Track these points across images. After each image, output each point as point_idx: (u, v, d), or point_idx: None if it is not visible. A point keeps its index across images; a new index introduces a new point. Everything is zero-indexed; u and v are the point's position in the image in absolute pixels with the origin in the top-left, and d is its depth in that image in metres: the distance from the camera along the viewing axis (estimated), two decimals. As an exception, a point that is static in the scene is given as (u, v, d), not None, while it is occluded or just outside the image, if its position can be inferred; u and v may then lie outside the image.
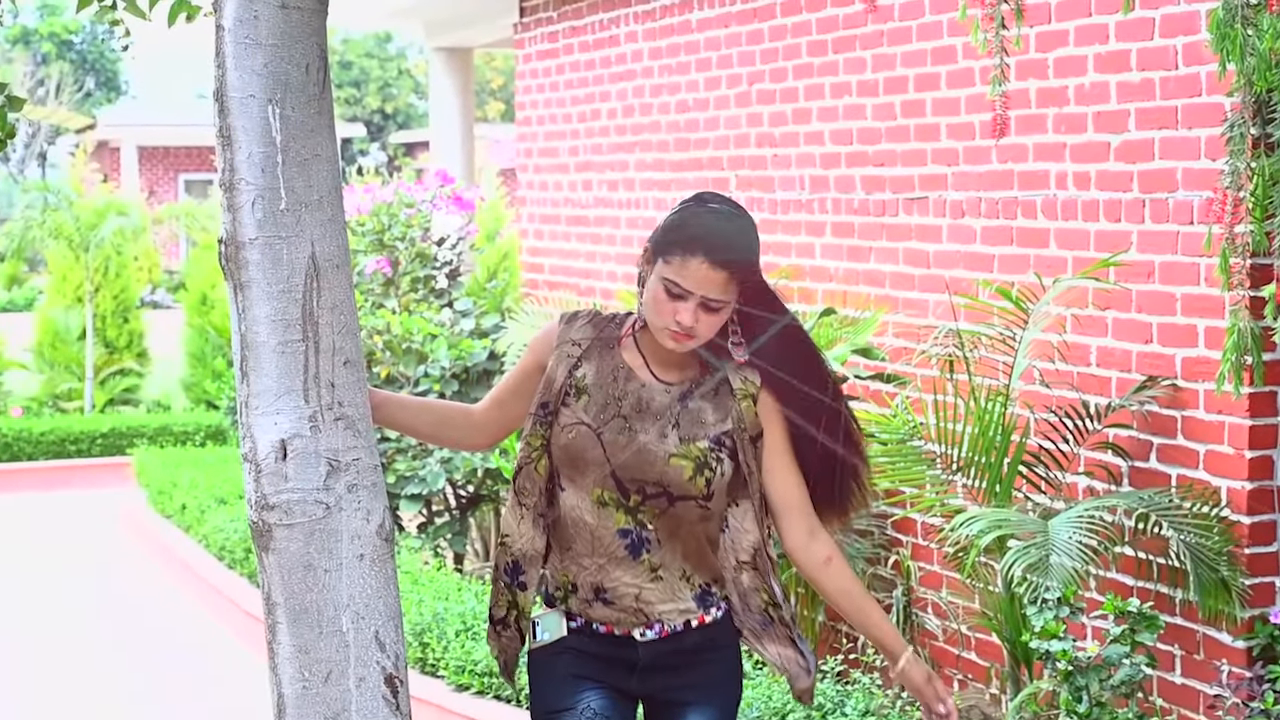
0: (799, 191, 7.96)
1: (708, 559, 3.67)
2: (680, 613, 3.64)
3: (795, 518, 3.67)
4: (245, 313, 3.42)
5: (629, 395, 3.63)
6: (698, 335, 3.55)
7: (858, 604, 3.72)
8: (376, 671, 3.42)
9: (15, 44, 43.66)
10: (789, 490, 3.67)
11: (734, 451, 3.61)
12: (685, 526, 3.62)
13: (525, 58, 10.93)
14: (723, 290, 3.52)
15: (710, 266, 3.51)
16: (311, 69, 3.44)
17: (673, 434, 3.59)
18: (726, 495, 3.64)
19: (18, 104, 5.06)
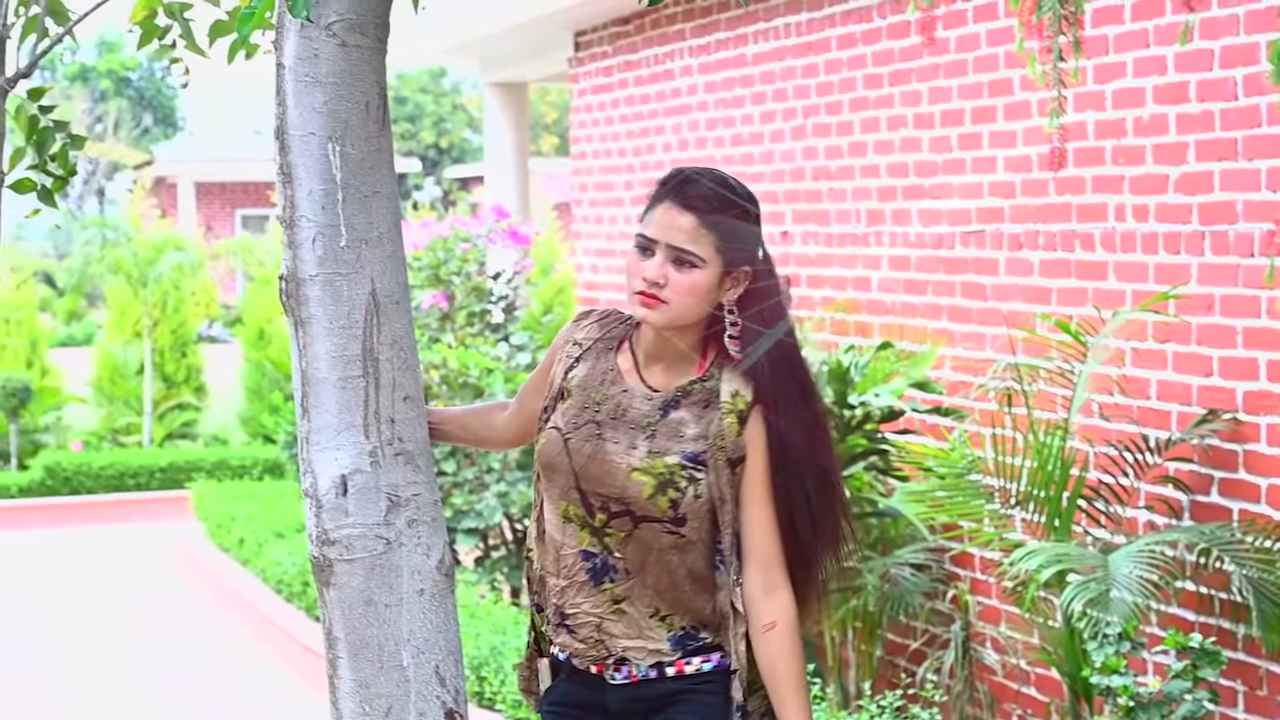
0: (855, 225, 7.95)
1: (688, 597, 3.25)
2: (650, 654, 3.25)
3: (752, 566, 3.20)
4: (306, 349, 3.44)
5: (609, 400, 3.30)
6: (669, 300, 3.18)
7: (778, 689, 3.19)
8: (437, 706, 3.42)
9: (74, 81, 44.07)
10: (752, 533, 3.20)
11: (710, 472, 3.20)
12: (654, 555, 3.23)
13: (580, 92, 10.97)
14: (692, 238, 3.18)
15: (678, 209, 3.21)
16: (371, 106, 3.46)
17: (643, 445, 3.23)
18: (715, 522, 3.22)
19: (79, 142, 5.10)
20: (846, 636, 7.17)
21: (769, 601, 3.18)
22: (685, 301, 3.19)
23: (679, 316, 3.21)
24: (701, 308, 3.22)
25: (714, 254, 3.20)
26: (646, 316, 3.21)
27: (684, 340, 3.27)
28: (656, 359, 3.30)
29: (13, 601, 10.90)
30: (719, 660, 3.25)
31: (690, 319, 3.23)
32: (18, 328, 16.13)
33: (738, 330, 3.22)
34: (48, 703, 8.75)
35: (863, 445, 6.93)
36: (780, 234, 8.56)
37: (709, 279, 3.20)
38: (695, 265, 3.19)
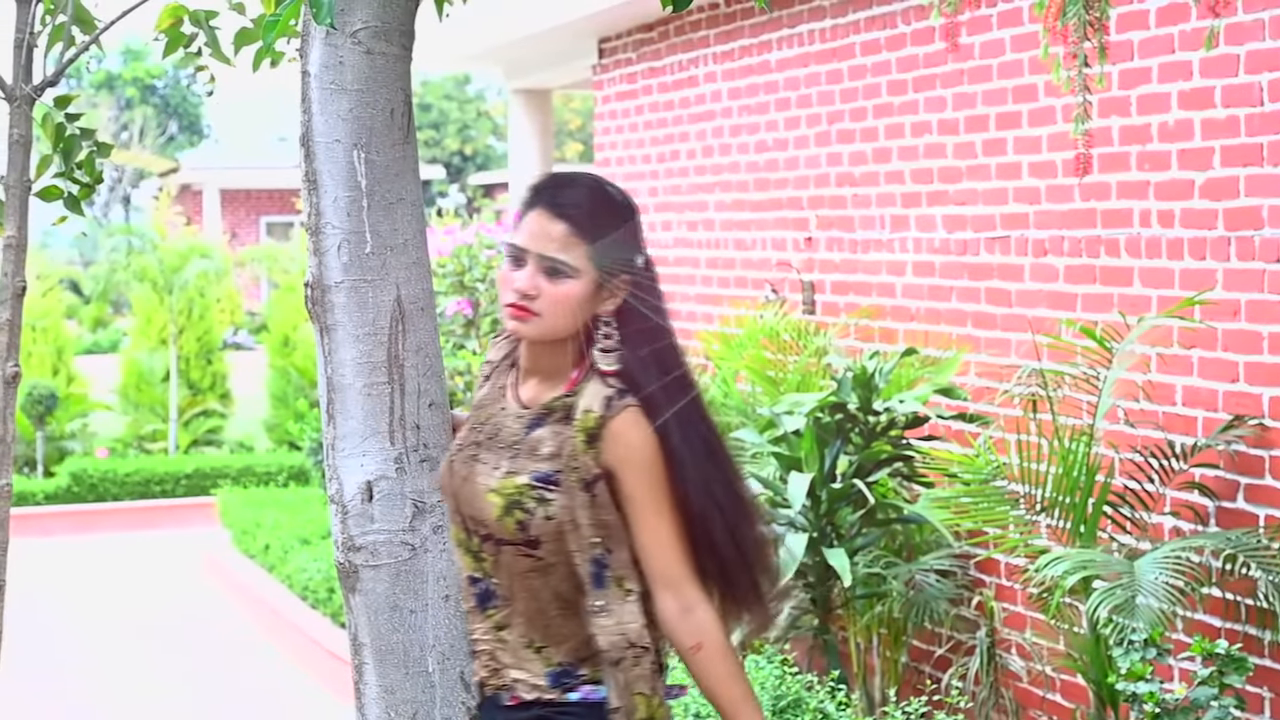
0: (880, 231, 7.95)
1: (558, 624, 3.12)
2: (531, 687, 3.14)
3: (659, 590, 3.05)
4: (331, 355, 3.45)
5: (490, 420, 3.20)
6: (541, 311, 3.06)
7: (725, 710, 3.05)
8: (462, 712, 3.43)
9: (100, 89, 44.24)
10: (649, 555, 3.03)
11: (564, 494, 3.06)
12: (519, 580, 3.12)
13: (604, 99, 10.98)
14: (564, 248, 3.04)
15: (549, 217, 3.06)
16: (396, 113, 3.47)
17: (504, 466, 3.11)
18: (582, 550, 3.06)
19: (105, 150, 5.13)
20: (871, 643, 7.17)
21: (688, 622, 3.03)
22: (558, 313, 3.06)
23: (551, 329, 3.09)
24: (576, 320, 3.09)
25: (587, 263, 3.07)
26: (518, 329, 3.10)
27: (558, 354, 3.14)
28: (532, 373, 3.20)
29: (40, 607, 10.94)
30: (588, 692, 3.10)
31: (564, 331, 3.10)
32: (44, 335, 16.19)
33: (611, 343, 3.09)
34: (75, 708, 8.77)
35: (887, 451, 6.92)
36: (804, 240, 8.56)
37: (583, 290, 3.07)
38: (568, 275, 3.06)
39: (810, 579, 6.88)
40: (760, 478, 6.94)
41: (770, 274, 8.84)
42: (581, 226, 3.05)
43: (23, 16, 4.75)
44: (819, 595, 6.93)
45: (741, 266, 9.24)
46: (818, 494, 6.80)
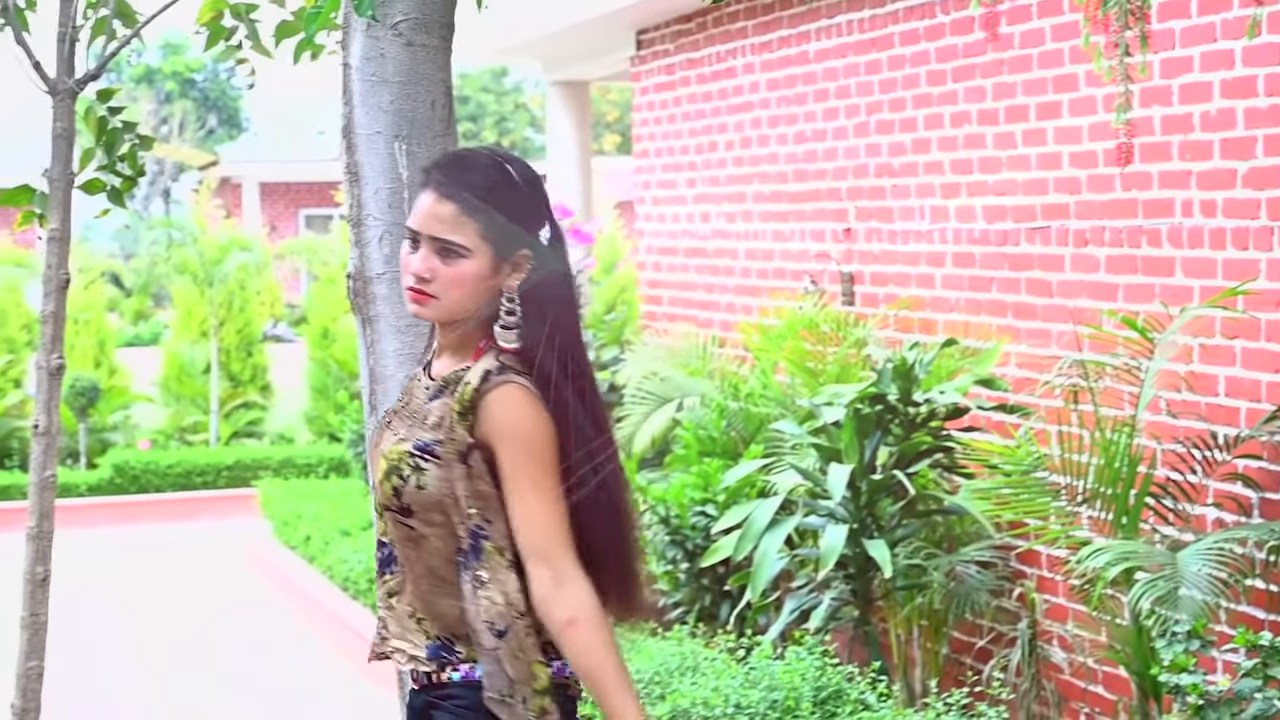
0: (919, 222, 7.93)
1: (431, 599, 3.08)
2: (409, 659, 3.11)
3: (533, 564, 2.97)
4: (373, 346, 3.47)
5: (409, 393, 3.18)
6: (438, 294, 3.02)
7: (596, 687, 2.96)
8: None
9: (139, 83, 44.41)
10: (524, 528, 2.97)
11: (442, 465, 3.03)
12: (403, 548, 3.10)
13: (642, 90, 10.97)
14: (454, 228, 2.99)
15: (437, 198, 3.01)
16: (437, 105, 3.49)
17: (402, 433, 3.10)
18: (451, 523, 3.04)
19: (147, 143, 5.15)
20: (912, 634, 7.15)
21: (562, 595, 2.95)
22: (454, 294, 3.02)
23: (451, 310, 3.05)
24: (475, 298, 3.04)
25: (480, 241, 3.01)
26: (418, 313, 3.07)
27: (466, 330, 3.10)
28: (445, 349, 3.15)
29: (83, 599, 11.00)
30: (467, 671, 3.04)
31: (464, 312, 3.06)
32: (86, 328, 16.26)
33: (513, 319, 3.02)
34: (117, 698, 8.82)
35: (927, 442, 6.91)
36: (843, 231, 8.55)
37: (478, 268, 3.02)
38: (461, 255, 3.00)
39: (850, 570, 6.87)
40: (800, 469, 6.93)
41: (809, 265, 8.83)
42: (470, 205, 3.00)
43: (65, 11, 4.77)
44: (859, 587, 6.92)
45: (780, 258, 9.23)
46: (858, 485, 6.79)
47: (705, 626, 7.66)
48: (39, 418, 4.52)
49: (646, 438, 8.61)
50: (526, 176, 3.07)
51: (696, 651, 7.02)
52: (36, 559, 4.48)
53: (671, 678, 6.75)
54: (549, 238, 3.06)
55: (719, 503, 7.72)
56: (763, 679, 6.47)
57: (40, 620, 4.44)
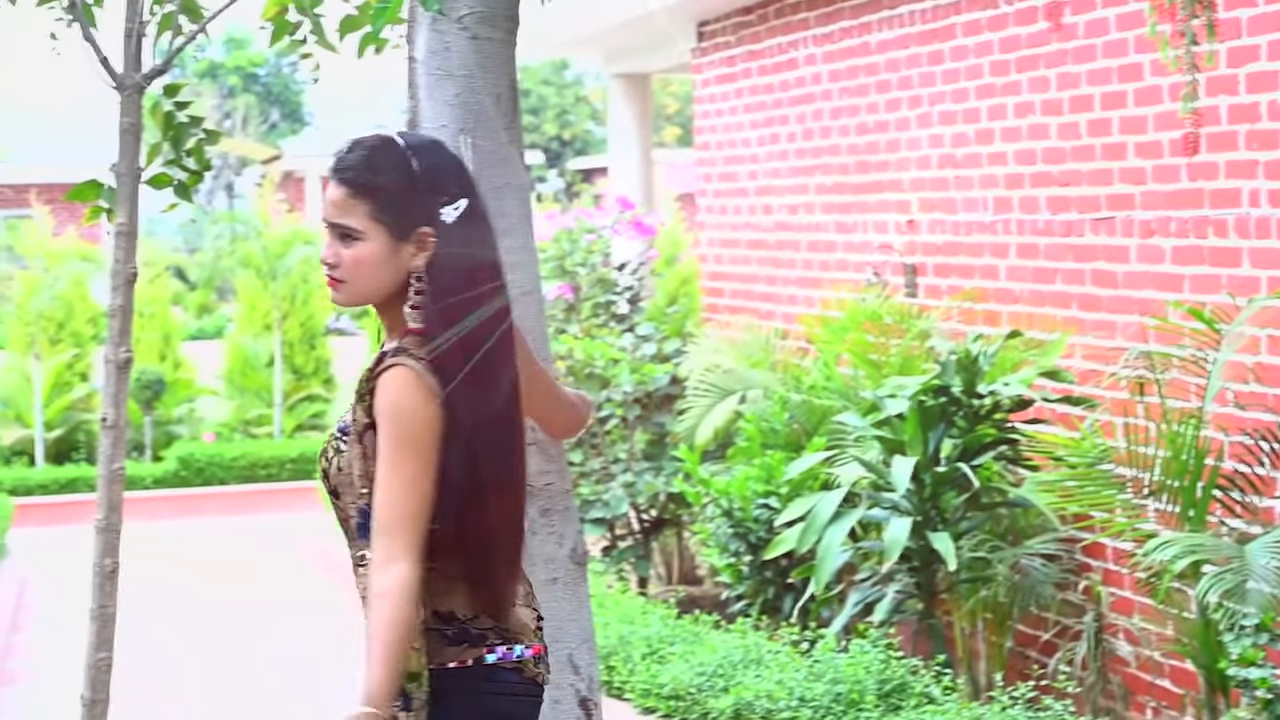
0: (982, 213, 7.89)
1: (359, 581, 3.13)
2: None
3: (374, 539, 2.96)
4: (439, 339, 3.47)
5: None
6: (345, 279, 3.06)
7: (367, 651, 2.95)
8: (570, 694, 3.44)
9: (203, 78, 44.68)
10: (374, 505, 2.97)
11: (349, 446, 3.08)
12: (343, 529, 3.17)
13: (704, 82, 10.96)
14: (345, 212, 3.03)
15: (333, 184, 3.06)
16: (502, 99, 3.49)
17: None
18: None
19: (214, 137, 5.18)
20: (976, 627, 7.13)
21: (385, 571, 2.91)
22: (359, 277, 3.04)
23: (360, 293, 3.07)
24: (381, 280, 3.04)
25: (371, 223, 3.02)
26: (334, 299, 3.10)
27: (392, 313, 3.10)
28: (387, 331, 3.15)
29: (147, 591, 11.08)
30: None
31: (374, 294, 3.07)
32: (151, 322, 16.37)
33: (421, 299, 3.02)
34: (184, 691, 8.88)
35: (992, 435, 6.88)
36: (906, 222, 8.52)
37: (376, 250, 3.02)
38: (356, 239, 3.02)
39: (914, 563, 6.85)
40: (864, 461, 6.92)
41: (872, 257, 8.80)
42: (357, 187, 3.01)
43: (132, 7, 4.80)
44: (923, 580, 6.90)
45: (843, 249, 9.20)
46: (922, 478, 6.77)
47: (768, 619, 7.66)
48: (107, 411, 4.55)
49: (709, 430, 8.60)
50: (426, 155, 3.06)
51: (760, 644, 7.02)
52: (105, 551, 4.51)
53: (735, 670, 6.75)
54: (459, 215, 3.03)
55: (782, 495, 7.71)
56: (826, 672, 6.47)
57: (109, 612, 4.48)
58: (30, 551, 12.23)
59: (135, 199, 4.82)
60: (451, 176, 3.07)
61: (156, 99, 5.07)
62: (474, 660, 3.01)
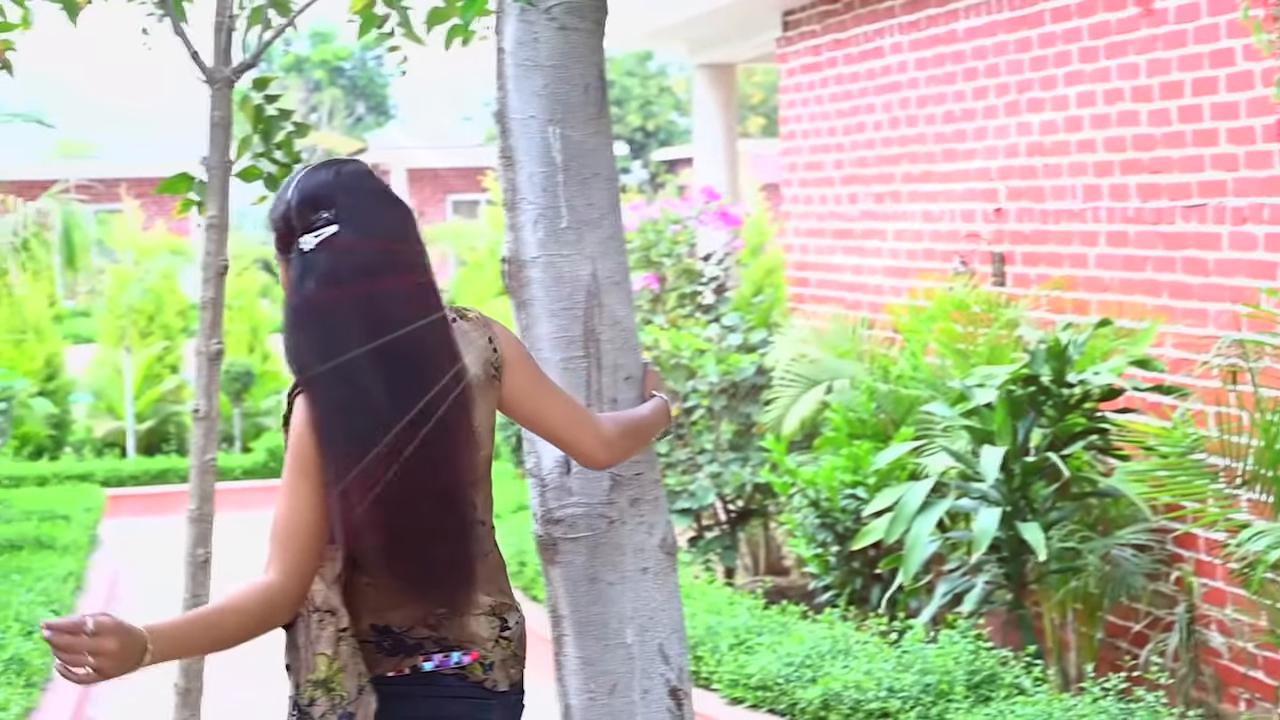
0: (1071, 201, 7.83)
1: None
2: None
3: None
4: (528, 330, 3.48)
5: None
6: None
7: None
8: (660, 684, 3.45)
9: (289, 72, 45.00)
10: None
11: None
12: None
13: (789, 72, 10.93)
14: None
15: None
16: (590, 89, 3.49)
17: None
18: None
19: (303, 130, 5.22)
20: (1066, 618, 7.08)
21: (258, 578, 3.04)
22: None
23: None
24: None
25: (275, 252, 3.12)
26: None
27: None
28: None
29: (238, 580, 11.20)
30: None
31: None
32: (240, 314, 16.51)
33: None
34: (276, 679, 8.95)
35: (1082, 424, 6.82)
36: (994, 211, 8.46)
37: (282, 277, 3.12)
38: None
39: (1003, 554, 6.81)
40: (952, 451, 6.88)
41: (959, 245, 8.75)
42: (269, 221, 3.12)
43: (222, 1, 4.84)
44: (1012, 570, 6.85)
45: (930, 238, 9.16)
46: (1011, 468, 6.73)
47: (856, 610, 7.64)
48: (199, 402, 4.59)
49: (795, 420, 8.58)
50: (294, 184, 3.08)
51: (848, 635, 7.00)
52: (197, 541, 4.56)
53: (823, 661, 6.74)
54: (314, 244, 2.99)
55: (869, 485, 7.68)
56: (915, 663, 6.44)
57: (202, 601, 4.52)
58: (122, 542, 12.36)
59: (226, 192, 4.86)
60: (322, 203, 3.02)
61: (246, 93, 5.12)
62: (410, 669, 3.07)
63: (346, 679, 3.01)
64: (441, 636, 3.07)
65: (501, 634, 3.12)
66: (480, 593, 3.11)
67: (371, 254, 2.99)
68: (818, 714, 6.48)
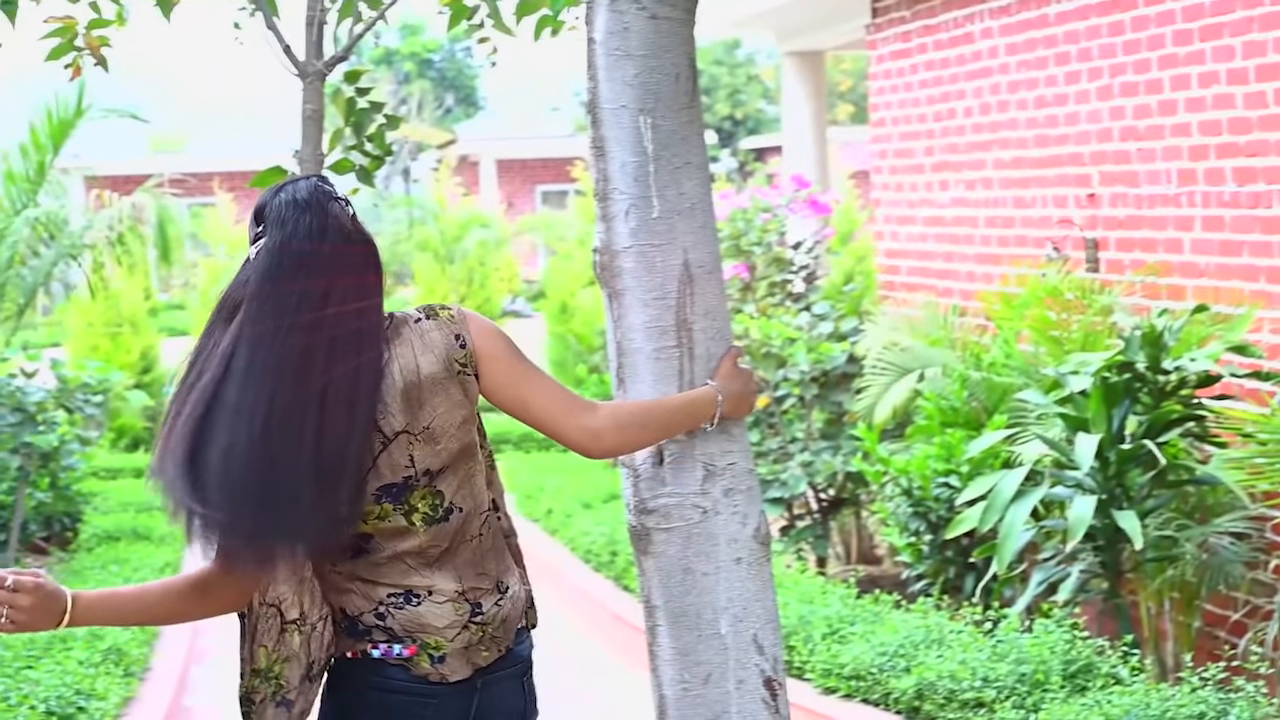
0: (1165, 186, 7.75)
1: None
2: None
3: None
4: (620, 320, 3.48)
5: None
6: None
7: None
8: (755, 674, 3.44)
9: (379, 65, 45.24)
10: None
11: None
12: None
13: (878, 58, 10.88)
14: None
15: None
16: (681, 78, 3.49)
17: None
18: None
19: (394, 122, 5.25)
20: (1163, 607, 7.01)
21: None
22: None
23: None
24: None
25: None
26: None
27: None
28: None
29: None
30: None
31: None
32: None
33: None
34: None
35: (1178, 411, 6.75)
36: (1087, 196, 8.38)
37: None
38: None
39: (1099, 542, 6.75)
40: (1046, 439, 6.83)
41: (1052, 232, 8.68)
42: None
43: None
44: (1108, 559, 6.79)
45: (1022, 225, 9.09)
46: (1106, 455, 6.67)
47: (949, 599, 7.60)
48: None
49: (887, 409, 8.54)
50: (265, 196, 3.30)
51: (941, 624, 6.96)
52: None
53: (917, 650, 6.71)
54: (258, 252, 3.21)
55: (962, 474, 7.64)
56: (1010, 652, 6.40)
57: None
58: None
59: (319, 185, 4.88)
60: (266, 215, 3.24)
61: (337, 86, 5.15)
62: (362, 653, 3.26)
63: (289, 669, 3.25)
64: (387, 626, 3.24)
65: (472, 619, 3.25)
66: (448, 579, 3.26)
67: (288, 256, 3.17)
68: (911, 704, 6.46)
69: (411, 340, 3.26)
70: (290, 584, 3.23)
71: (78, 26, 4.88)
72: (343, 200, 3.28)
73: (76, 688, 6.99)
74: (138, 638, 8.34)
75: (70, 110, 10.99)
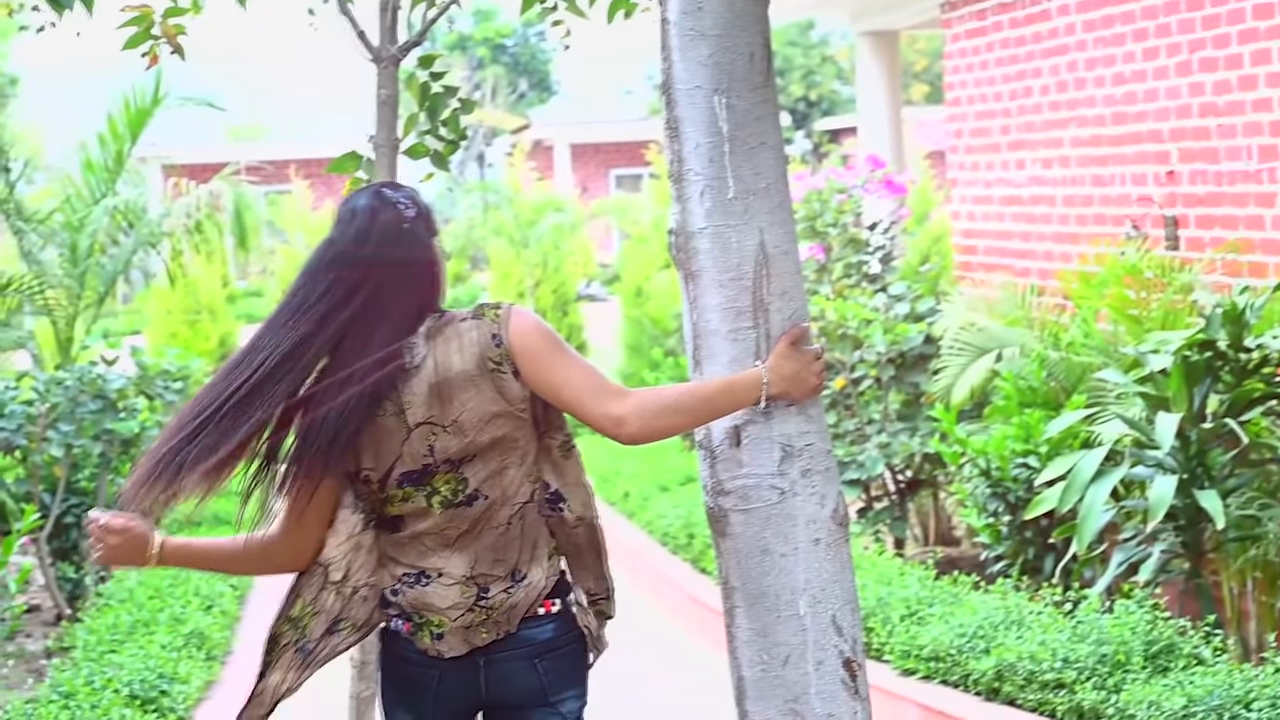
0: (1246, 162, 7.66)
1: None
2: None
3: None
4: (696, 301, 3.47)
5: None
6: None
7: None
8: (834, 655, 3.43)
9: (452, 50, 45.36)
10: None
11: None
12: None
13: (953, 37, 10.81)
14: None
15: None
16: (756, 57, 3.47)
17: None
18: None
19: (469, 107, 5.26)
20: (1246, 587, 6.94)
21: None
22: None
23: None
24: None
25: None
26: None
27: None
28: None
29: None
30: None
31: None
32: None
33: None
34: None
35: (1260, 389, 6.68)
36: (1166, 174, 8.30)
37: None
38: None
39: (1180, 522, 6.69)
40: (1126, 418, 6.78)
41: (1130, 210, 8.60)
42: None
43: (388, -20, 4.88)
44: (1189, 539, 6.73)
45: (1100, 203, 9.01)
46: (1187, 434, 6.60)
47: (1029, 580, 7.55)
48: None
49: (965, 389, 8.49)
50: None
51: (1021, 605, 6.92)
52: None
53: (996, 631, 6.68)
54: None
55: (1041, 454, 7.59)
56: (1091, 633, 6.36)
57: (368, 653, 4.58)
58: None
59: (394, 170, 4.91)
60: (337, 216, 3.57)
61: (412, 71, 5.16)
62: (389, 624, 3.60)
63: (316, 622, 3.53)
64: (398, 603, 3.54)
65: (477, 602, 3.48)
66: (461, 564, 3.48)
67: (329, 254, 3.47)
68: (991, 685, 6.43)
69: (450, 339, 3.43)
70: (343, 549, 3.51)
71: (154, 15, 4.91)
72: (402, 206, 3.47)
73: (159, 671, 7.06)
74: (219, 622, 8.41)
75: (148, 99, 11.09)
